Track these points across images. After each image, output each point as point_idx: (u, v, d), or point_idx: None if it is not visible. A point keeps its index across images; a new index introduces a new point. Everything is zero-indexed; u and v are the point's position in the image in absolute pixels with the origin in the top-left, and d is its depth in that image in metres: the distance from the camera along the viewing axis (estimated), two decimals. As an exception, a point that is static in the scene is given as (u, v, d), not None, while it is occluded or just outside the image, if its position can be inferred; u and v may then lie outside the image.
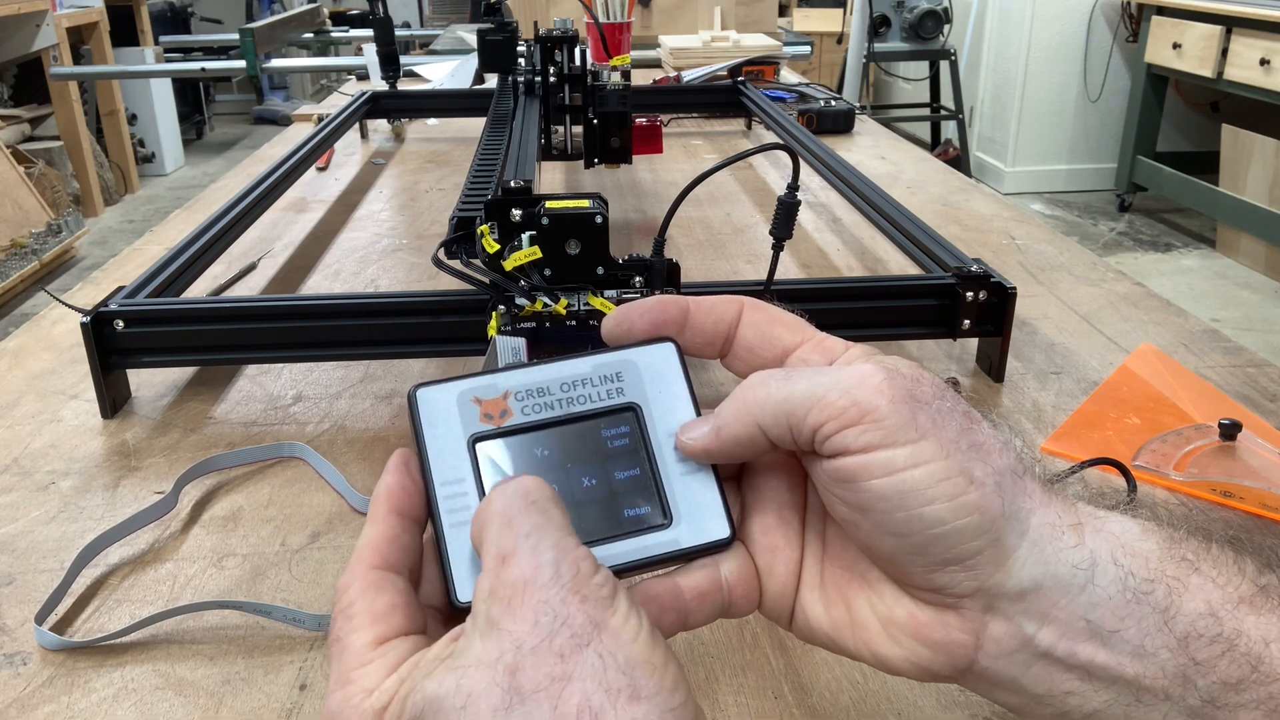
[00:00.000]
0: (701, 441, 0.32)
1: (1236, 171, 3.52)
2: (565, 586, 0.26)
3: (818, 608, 0.32)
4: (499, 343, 0.35)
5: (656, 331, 0.34)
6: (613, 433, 0.33)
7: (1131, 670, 0.28)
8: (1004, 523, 0.28)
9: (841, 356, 0.33)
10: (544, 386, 0.32)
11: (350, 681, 0.28)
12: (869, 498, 0.29)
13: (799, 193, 0.58)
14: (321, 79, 5.88)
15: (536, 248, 0.60)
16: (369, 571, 0.29)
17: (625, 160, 1.07)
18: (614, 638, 0.25)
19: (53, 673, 0.47)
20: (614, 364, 0.33)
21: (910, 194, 1.21)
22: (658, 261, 0.62)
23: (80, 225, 3.84)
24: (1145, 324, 0.83)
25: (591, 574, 0.27)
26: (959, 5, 4.58)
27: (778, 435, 0.30)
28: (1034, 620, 0.29)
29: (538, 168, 0.94)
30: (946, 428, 0.29)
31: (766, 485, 0.34)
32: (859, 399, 0.29)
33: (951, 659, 0.30)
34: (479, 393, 0.32)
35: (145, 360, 0.70)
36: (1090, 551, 0.28)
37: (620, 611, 0.26)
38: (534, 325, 0.62)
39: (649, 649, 0.26)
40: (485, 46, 1.18)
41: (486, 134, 0.97)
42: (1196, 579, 0.28)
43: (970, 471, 0.28)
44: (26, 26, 3.95)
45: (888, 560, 0.30)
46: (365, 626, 0.28)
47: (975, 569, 0.29)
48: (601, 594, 0.26)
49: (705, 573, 0.32)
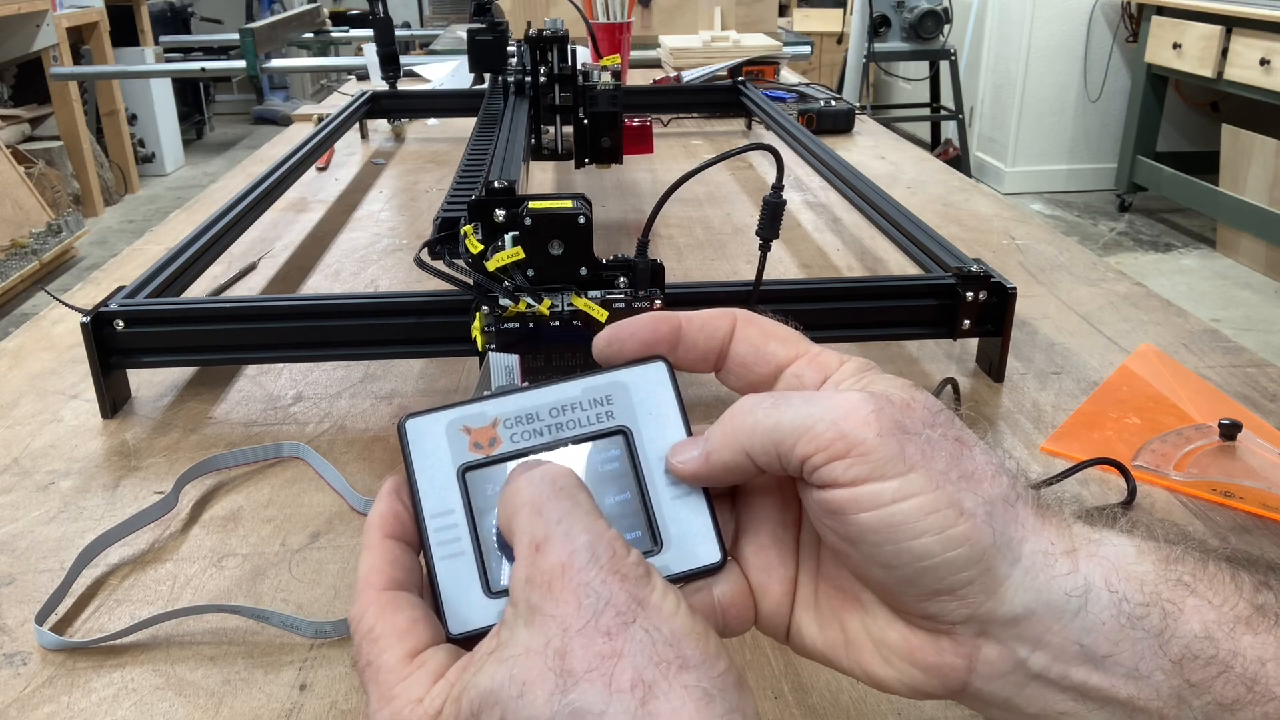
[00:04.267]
0: (691, 466, 0.32)
1: (1236, 171, 3.52)
2: (604, 568, 0.27)
3: (812, 627, 0.32)
4: (492, 360, 0.35)
5: (648, 350, 0.33)
6: (603, 457, 0.32)
7: (1126, 692, 0.28)
8: (995, 552, 0.28)
9: (836, 373, 0.32)
10: (533, 412, 0.32)
11: (394, 698, 0.27)
12: (857, 530, 0.29)
13: (783, 192, 0.58)
14: (321, 79, 5.88)
15: (519, 248, 0.60)
16: (380, 594, 0.29)
17: (616, 160, 1.07)
18: (657, 612, 0.26)
19: (53, 673, 0.47)
20: (604, 386, 0.33)
21: (910, 194, 1.21)
22: (641, 262, 0.62)
23: (80, 225, 3.84)
24: (1145, 324, 0.83)
25: (626, 554, 0.27)
26: (959, 5, 4.58)
27: (766, 463, 0.30)
28: (1027, 645, 0.29)
29: (525, 168, 0.94)
30: (936, 458, 0.29)
31: (760, 504, 0.34)
32: (846, 431, 0.29)
33: (945, 681, 0.30)
34: (468, 421, 0.32)
35: (145, 360, 0.70)
36: (1084, 578, 0.28)
37: (658, 588, 0.27)
38: (517, 325, 0.62)
39: (690, 620, 0.27)
40: (475, 47, 1.18)
41: (475, 134, 0.97)
42: (1192, 600, 0.28)
43: (960, 503, 0.28)
44: (26, 26, 3.95)
45: (879, 588, 0.30)
46: (393, 644, 0.28)
47: (966, 598, 0.29)
48: (638, 572, 0.27)
49: (698, 596, 0.32)
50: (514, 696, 0.25)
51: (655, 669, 0.25)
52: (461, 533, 0.31)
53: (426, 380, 0.75)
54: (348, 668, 0.47)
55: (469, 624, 0.30)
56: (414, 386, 0.74)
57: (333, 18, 4.58)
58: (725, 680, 0.26)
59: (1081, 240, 3.82)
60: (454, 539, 0.31)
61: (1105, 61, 4.35)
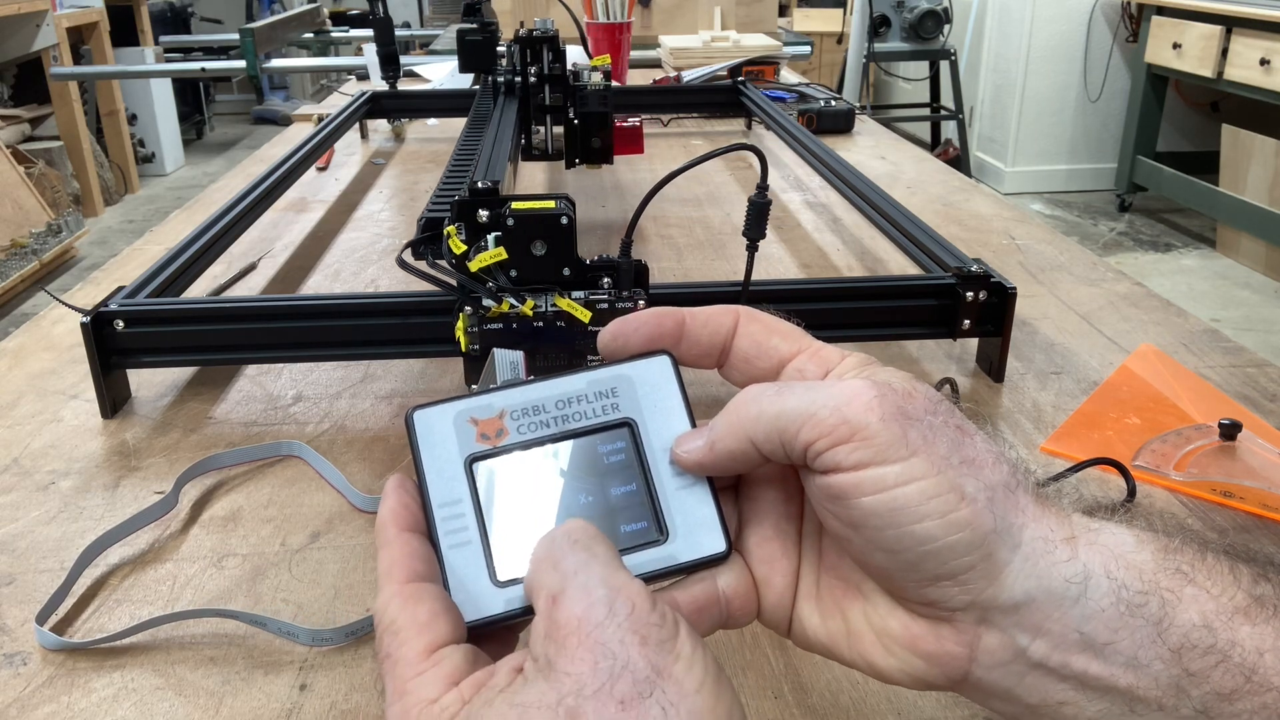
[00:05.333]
0: (696, 455, 0.32)
1: (1236, 171, 3.52)
2: (622, 625, 0.26)
3: (814, 618, 0.33)
4: (497, 355, 0.35)
5: (652, 345, 0.34)
6: (609, 448, 0.33)
7: (1125, 681, 0.28)
8: (995, 538, 0.28)
9: (838, 366, 0.33)
10: (539, 404, 0.33)
11: (407, 692, 0.27)
12: (860, 515, 0.29)
13: (769, 192, 0.58)
14: (321, 79, 5.88)
15: (501, 248, 0.60)
16: (403, 587, 0.29)
17: (607, 161, 1.07)
18: (677, 687, 0.25)
19: (53, 673, 0.47)
20: (609, 379, 0.33)
21: (910, 194, 1.21)
22: (625, 262, 0.62)
23: (80, 225, 3.84)
24: (1145, 324, 0.83)
25: (649, 610, 0.26)
26: (959, 5, 4.58)
27: (770, 450, 0.30)
28: (1027, 632, 0.29)
29: (513, 168, 0.94)
30: (938, 444, 0.29)
31: (764, 496, 0.34)
32: (849, 416, 0.29)
33: (946, 670, 0.30)
34: (475, 413, 0.32)
35: (145, 360, 0.70)
36: (1083, 565, 0.28)
37: (684, 657, 0.26)
38: (501, 326, 0.62)
39: (714, 698, 0.25)
40: (465, 47, 1.18)
41: (464, 134, 0.97)
42: (1191, 590, 0.28)
43: (961, 488, 0.28)
44: (26, 26, 3.95)
45: (881, 574, 0.30)
46: (413, 638, 0.28)
47: (967, 584, 0.29)
48: (662, 635, 0.26)
49: (702, 586, 0.32)
50: None
51: None
52: (469, 522, 0.31)
53: (427, 380, 0.75)
54: (348, 668, 0.47)
55: (477, 612, 0.30)
56: (414, 386, 0.74)
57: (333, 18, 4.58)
58: None
59: (1081, 240, 3.82)
60: (462, 528, 0.31)
61: (1105, 61, 4.35)
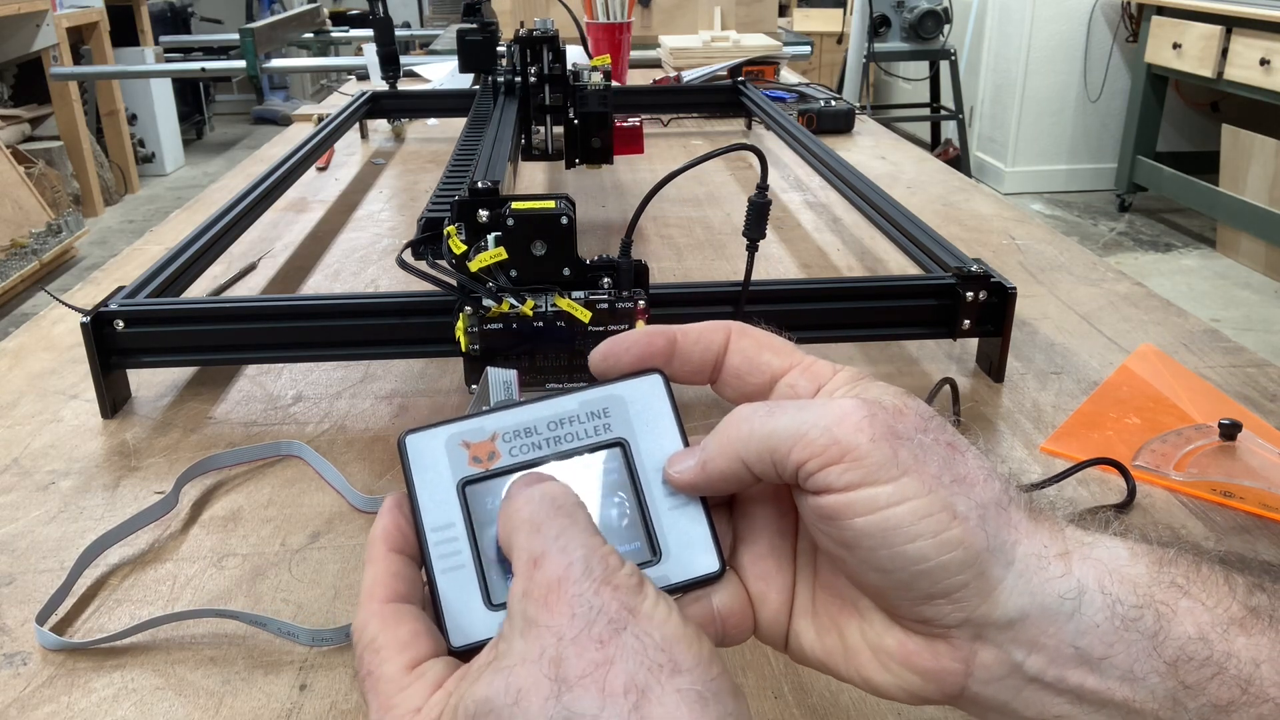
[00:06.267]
0: (688, 475, 0.32)
1: (1236, 171, 3.53)
2: (596, 579, 0.27)
3: (810, 634, 0.33)
4: (490, 375, 0.35)
5: (643, 364, 0.34)
6: (601, 469, 0.33)
7: (1121, 694, 0.28)
8: (988, 556, 0.28)
9: (829, 381, 0.33)
10: (531, 426, 0.33)
11: (392, 707, 0.28)
12: (852, 535, 0.29)
13: (769, 192, 0.59)
14: (321, 79, 5.88)
15: (501, 248, 0.60)
16: (383, 606, 0.30)
17: (607, 161, 1.07)
18: (648, 619, 0.27)
19: (53, 673, 0.47)
20: (600, 400, 0.33)
21: (910, 194, 1.21)
22: (625, 262, 0.62)
23: (80, 225, 3.84)
24: (1145, 324, 0.83)
25: (619, 567, 0.28)
26: (959, 5, 4.58)
27: (762, 471, 0.30)
28: (1022, 648, 0.29)
29: (513, 168, 0.94)
30: (929, 463, 0.29)
31: (758, 513, 0.34)
32: (839, 437, 0.29)
33: (942, 685, 0.30)
34: (467, 436, 0.32)
35: (145, 360, 0.70)
36: (1077, 580, 0.28)
37: (650, 597, 0.27)
38: (501, 326, 0.62)
39: (681, 626, 0.27)
40: (465, 47, 1.18)
41: (464, 135, 0.97)
42: (1186, 602, 0.28)
43: (953, 506, 0.28)
44: (26, 26, 3.95)
45: (875, 593, 0.31)
46: (394, 655, 0.29)
47: (961, 602, 0.29)
48: (630, 583, 0.27)
49: (697, 606, 0.32)
50: (509, 704, 0.26)
51: (648, 673, 0.25)
52: (462, 546, 0.31)
53: (427, 380, 0.75)
54: (348, 668, 0.47)
55: (470, 636, 0.30)
56: (414, 386, 0.74)
57: (333, 18, 4.58)
58: (719, 684, 0.26)
59: (1081, 240, 3.82)
60: (455, 552, 0.31)
61: (1105, 61, 4.35)
